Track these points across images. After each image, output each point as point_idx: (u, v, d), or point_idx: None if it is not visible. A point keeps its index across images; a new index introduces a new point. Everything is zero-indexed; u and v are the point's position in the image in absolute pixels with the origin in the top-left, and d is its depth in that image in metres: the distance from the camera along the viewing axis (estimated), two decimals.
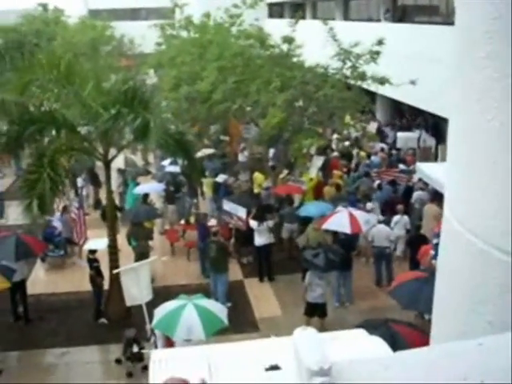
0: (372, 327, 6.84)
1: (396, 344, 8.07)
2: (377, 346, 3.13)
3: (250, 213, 16.78)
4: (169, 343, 11.16)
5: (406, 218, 16.85)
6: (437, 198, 15.91)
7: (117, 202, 18.98)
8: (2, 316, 13.91)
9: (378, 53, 17.72)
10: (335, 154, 23.90)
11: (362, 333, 3.42)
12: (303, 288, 13.63)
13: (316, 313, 13.45)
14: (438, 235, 14.73)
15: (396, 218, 16.63)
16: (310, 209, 16.87)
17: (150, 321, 11.51)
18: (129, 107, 12.86)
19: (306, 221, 16.82)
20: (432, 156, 23.52)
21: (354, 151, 24.03)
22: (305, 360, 2.43)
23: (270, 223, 16.49)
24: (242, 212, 16.46)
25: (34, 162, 13.40)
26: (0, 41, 16.72)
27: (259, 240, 16.36)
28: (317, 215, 16.38)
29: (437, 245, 14.64)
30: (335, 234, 15.55)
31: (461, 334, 3.25)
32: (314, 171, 20.19)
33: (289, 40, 19.12)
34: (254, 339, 9.23)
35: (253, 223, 16.31)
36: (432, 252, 14.53)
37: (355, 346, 3.02)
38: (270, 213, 17.29)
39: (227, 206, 16.99)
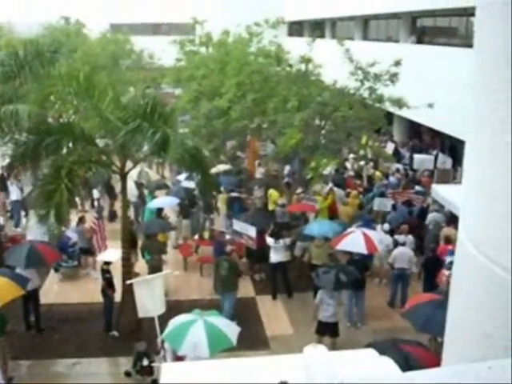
0: (379, 348, 6.78)
1: (410, 365, 8.01)
2: (386, 366, 3.11)
3: (265, 230, 16.77)
4: (178, 357, 11.13)
5: (410, 237, 16.76)
6: (453, 220, 15.82)
7: (131, 214, 19.08)
8: (14, 325, 13.95)
9: (396, 75, 17.71)
10: (350, 173, 23.92)
11: (371, 353, 3.40)
12: (314, 306, 13.57)
13: (327, 332, 13.38)
14: (452, 253, 14.71)
15: (401, 237, 16.54)
16: (313, 228, 16.78)
17: (162, 334, 11.51)
18: (148, 121, 12.94)
19: (311, 236, 16.79)
20: (451, 178, 23.44)
21: (370, 171, 24.00)
22: (315, 376, 2.42)
23: (287, 241, 16.46)
24: (251, 231, 16.45)
25: (51, 173, 13.50)
26: (21, 53, 16.87)
27: (275, 257, 16.31)
28: (319, 234, 16.35)
29: (451, 263, 14.60)
30: (349, 254, 15.49)
31: (474, 358, 3.22)
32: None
33: (306, 61, 19.15)
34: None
35: (269, 240, 16.28)
36: (446, 272, 14.48)
37: (364, 366, 3.01)
38: (286, 230, 17.27)
39: (237, 225, 17.00)
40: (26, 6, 45.01)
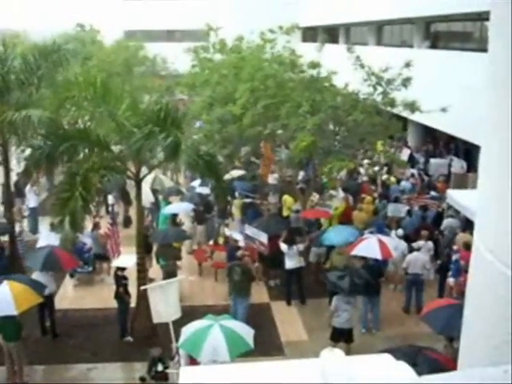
0: (403, 355, 6.73)
1: (436, 371, 7.94)
2: (402, 370, 3.11)
3: (279, 236, 16.78)
4: (192, 362, 11.13)
5: (430, 243, 16.70)
6: (468, 226, 15.75)
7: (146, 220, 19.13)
8: (30, 330, 14.03)
9: (408, 79, 17.67)
10: (365, 178, 23.86)
11: (387, 357, 3.39)
12: (329, 312, 13.53)
13: (342, 338, 13.33)
14: (456, 251, 14.75)
15: (420, 243, 16.46)
16: (332, 237, 16.75)
17: (176, 340, 11.52)
18: (161, 126, 13.01)
19: (332, 245, 16.83)
20: (467, 183, 23.30)
21: (384, 176, 23.92)
22: (331, 378, 2.43)
23: (301, 247, 16.43)
24: (263, 237, 16.47)
25: (66, 180, 13.60)
26: (31, 58, 17.08)
27: (290, 263, 16.28)
28: (339, 243, 16.37)
29: (456, 262, 14.57)
30: (364, 259, 15.47)
31: (489, 363, 3.21)
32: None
33: (314, 65, 19.19)
34: None
35: (283, 246, 16.26)
36: (451, 280, 14.48)
37: (381, 370, 3.01)
38: (300, 236, 17.25)
39: (249, 230, 17.03)
40: (41, 14, 45.39)
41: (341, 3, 36.59)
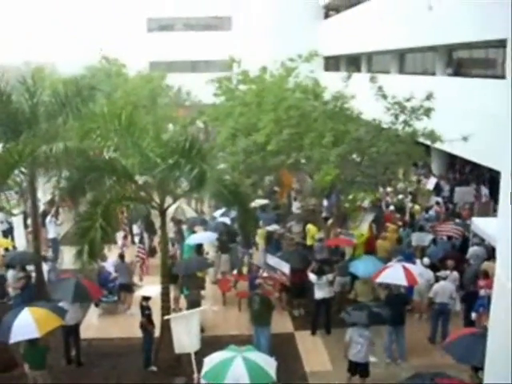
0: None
1: None
2: None
3: (306, 266, 16.78)
4: None
5: (455, 273, 16.54)
6: (494, 254, 15.57)
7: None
8: (55, 359, 14.11)
9: (429, 109, 17.66)
10: (391, 207, 23.76)
11: None
12: (344, 344, 13.24)
13: (357, 371, 13.12)
14: (482, 286, 14.64)
15: (446, 272, 16.30)
16: (359, 266, 16.79)
17: (198, 370, 11.50)
18: (186, 158, 13.14)
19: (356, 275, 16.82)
20: (491, 211, 23.08)
21: (409, 205, 23.82)
22: None
23: (330, 277, 16.39)
24: (285, 267, 16.49)
25: (88, 210, 13.74)
26: (62, 91, 17.55)
27: (319, 293, 16.20)
28: (364, 274, 16.34)
29: (483, 298, 14.41)
30: (388, 288, 15.37)
31: None
32: (364, 226, 20.06)
33: (338, 98, 19.26)
34: None
35: (312, 277, 16.21)
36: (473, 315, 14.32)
37: None
38: (328, 266, 17.23)
39: (271, 260, 17.08)
40: (67, 46, 46.36)
41: (362, 32, 36.84)
